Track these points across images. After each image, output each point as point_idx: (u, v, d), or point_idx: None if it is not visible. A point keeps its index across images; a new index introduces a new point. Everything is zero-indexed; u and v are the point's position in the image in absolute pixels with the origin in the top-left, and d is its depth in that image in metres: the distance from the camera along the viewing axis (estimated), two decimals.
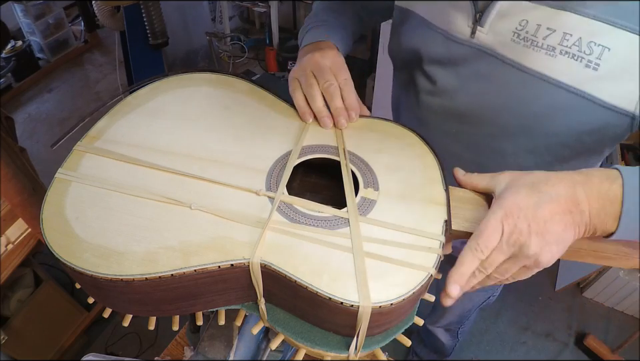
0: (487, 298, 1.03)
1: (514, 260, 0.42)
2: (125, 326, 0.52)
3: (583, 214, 0.41)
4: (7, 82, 2.82)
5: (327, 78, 0.57)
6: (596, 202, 0.41)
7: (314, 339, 0.48)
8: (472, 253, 0.42)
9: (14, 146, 1.26)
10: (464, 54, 0.58)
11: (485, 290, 0.96)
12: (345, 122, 0.56)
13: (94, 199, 0.48)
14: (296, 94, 0.58)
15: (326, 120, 0.57)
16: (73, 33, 3.23)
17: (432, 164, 0.54)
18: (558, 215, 0.41)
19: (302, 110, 0.58)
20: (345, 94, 0.57)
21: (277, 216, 0.47)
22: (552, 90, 0.52)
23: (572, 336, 1.77)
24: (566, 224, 0.41)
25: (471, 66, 0.58)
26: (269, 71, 3.11)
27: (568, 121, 0.54)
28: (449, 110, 0.64)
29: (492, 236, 0.41)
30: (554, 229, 0.40)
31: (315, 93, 0.57)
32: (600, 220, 0.42)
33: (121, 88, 2.58)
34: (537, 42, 0.51)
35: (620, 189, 0.41)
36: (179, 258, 0.43)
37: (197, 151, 0.54)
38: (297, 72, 0.60)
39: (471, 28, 0.56)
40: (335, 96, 0.57)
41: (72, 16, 3.32)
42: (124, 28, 2.03)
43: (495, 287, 0.99)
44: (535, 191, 0.42)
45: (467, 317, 1.15)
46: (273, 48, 3.07)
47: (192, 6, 2.71)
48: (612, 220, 0.41)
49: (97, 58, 3.30)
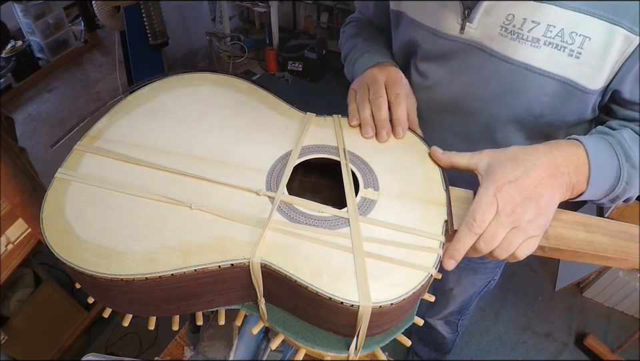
0: (487, 283, 1.05)
1: (516, 231, 0.44)
2: (125, 326, 0.52)
3: (564, 176, 0.46)
4: (7, 82, 2.83)
5: (377, 91, 0.59)
6: (571, 164, 0.47)
7: (314, 339, 0.48)
8: (468, 229, 0.44)
9: (14, 146, 1.26)
10: (454, 49, 0.62)
11: (486, 273, 0.99)
12: (386, 135, 0.57)
13: (94, 199, 0.48)
14: (350, 103, 0.62)
15: (367, 128, 0.57)
16: (73, 33, 3.23)
17: (432, 164, 0.54)
18: (545, 179, 0.45)
19: (351, 114, 0.60)
20: (393, 107, 0.58)
21: (277, 216, 0.47)
22: (538, 79, 0.56)
23: (572, 336, 1.77)
24: (553, 186, 0.45)
25: (461, 60, 0.62)
26: (269, 71, 3.11)
27: (554, 105, 0.58)
28: (442, 103, 0.67)
29: (487, 211, 0.44)
30: (544, 192, 0.45)
31: (364, 103, 0.59)
32: (577, 179, 0.47)
33: (121, 88, 2.59)
34: (523, 34, 0.55)
35: (584, 153, 0.48)
36: (179, 257, 0.43)
37: (197, 151, 0.54)
38: (355, 83, 0.64)
39: (460, 24, 0.59)
40: (381, 108, 0.58)
41: (72, 16, 3.32)
42: (124, 28, 2.03)
43: (496, 270, 1.01)
44: (518, 162, 0.46)
45: (468, 305, 1.16)
46: (272, 48, 3.07)
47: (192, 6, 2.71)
48: (583, 180, 0.48)
49: (97, 58, 3.30)
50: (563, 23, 0.52)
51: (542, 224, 0.44)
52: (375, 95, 0.59)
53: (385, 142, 0.57)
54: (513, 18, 0.55)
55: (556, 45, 0.53)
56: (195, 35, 2.82)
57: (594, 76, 0.54)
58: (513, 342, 1.74)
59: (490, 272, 1.00)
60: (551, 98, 0.57)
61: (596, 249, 0.48)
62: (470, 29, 0.59)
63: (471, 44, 0.60)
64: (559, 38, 0.53)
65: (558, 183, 0.46)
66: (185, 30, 2.73)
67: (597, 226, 0.50)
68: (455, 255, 0.45)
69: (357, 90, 0.62)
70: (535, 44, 0.54)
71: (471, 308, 1.20)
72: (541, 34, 0.54)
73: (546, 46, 0.54)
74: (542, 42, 0.54)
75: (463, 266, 0.94)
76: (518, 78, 0.57)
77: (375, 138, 0.58)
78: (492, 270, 0.99)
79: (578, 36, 0.52)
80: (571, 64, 0.54)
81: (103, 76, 3.11)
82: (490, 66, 0.59)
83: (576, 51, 0.53)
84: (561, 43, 0.53)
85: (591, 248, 0.48)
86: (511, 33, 0.55)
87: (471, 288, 1.06)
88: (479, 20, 0.57)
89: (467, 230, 0.44)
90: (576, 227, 0.50)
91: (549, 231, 0.49)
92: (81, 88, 3.03)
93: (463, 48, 0.61)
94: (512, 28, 0.55)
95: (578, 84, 0.55)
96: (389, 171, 0.53)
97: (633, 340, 1.57)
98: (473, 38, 0.59)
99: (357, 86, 0.63)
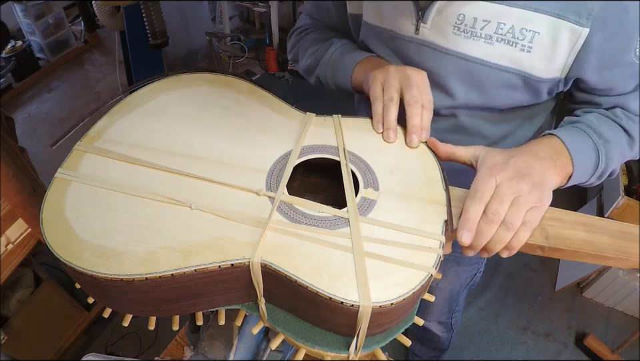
0: (473, 276, 1.06)
1: (519, 199, 0.46)
2: (125, 326, 0.52)
3: (547, 160, 0.51)
4: (7, 82, 2.82)
5: (414, 94, 0.56)
6: (551, 150, 0.53)
7: (314, 339, 0.48)
8: (473, 199, 0.47)
9: (14, 146, 1.26)
10: (410, 49, 0.64)
11: (470, 264, 1.00)
12: (418, 141, 0.56)
13: (94, 199, 0.48)
14: (377, 103, 0.58)
15: (391, 133, 0.56)
16: (73, 33, 3.22)
17: (432, 164, 0.54)
18: (532, 162, 0.50)
19: (377, 118, 0.58)
20: (425, 113, 0.57)
21: (277, 216, 0.47)
22: (495, 73, 0.60)
23: (572, 336, 1.77)
24: (542, 167, 0.50)
25: (418, 59, 0.64)
26: (269, 71, 3.11)
27: (512, 95, 0.63)
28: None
29: (487, 185, 0.47)
30: (534, 171, 0.49)
31: (393, 107, 0.57)
32: (561, 162, 0.53)
33: (120, 88, 2.58)
34: (476, 32, 0.58)
35: (560, 141, 0.55)
36: (179, 257, 0.43)
37: (197, 151, 0.54)
38: (381, 74, 0.59)
39: (415, 25, 0.61)
40: (417, 114, 0.56)
41: (72, 16, 3.32)
42: (124, 28, 2.03)
43: (480, 260, 1.02)
44: (505, 151, 0.51)
45: (456, 300, 1.16)
46: (273, 48, 3.07)
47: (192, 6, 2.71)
48: (568, 162, 0.54)
49: (97, 58, 3.30)
50: (512, 20, 0.56)
51: (541, 197, 0.47)
52: (413, 99, 0.56)
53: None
54: (464, 18, 0.58)
55: (508, 41, 0.57)
56: (195, 35, 2.81)
57: (545, 67, 0.58)
58: (513, 342, 1.74)
59: (474, 263, 1.01)
60: (507, 90, 0.62)
61: (596, 249, 0.48)
62: (424, 29, 0.61)
63: (425, 44, 0.62)
64: (510, 34, 0.56)
65: (546, 165, 0.50)
66: (185, 30, 2.72)
67: (597, 226, 0.50)
68: (466, 225, 0.46)
69: (385, 87, 0.58)
70: (488, 40, 0.57)
71: (460, 303, 1.20)
72: (493, 31, 0.57)
73: (499, 43, 0.57)
74: (494, 38, 0.57)
75: (446, 258, 0.95)
76: (475, 74, 0.61)
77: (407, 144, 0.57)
78: (476, 260, 1.00)
79: (528, 31, 0.55)
80: (524, 58, 0.57)
81: (103, 76, 3.11)
82: (446, 64, 0.62)
83: (527, 46, 0.56)
84: (512, 39, 0.57)
85: (590, 248, 0.48)
86: (464, 32, 0.58)
87: (457, 281, 1.06)
88: (432, 20, 0.60)
89: (472, 201, 0.47)
90: (576, 227, 0.50)
91: (549, 231, 0.49)
92: (81, 88, 3.02)
93: (418, 49, 0.63)
94: (464, 27, 0.58)
95: (532, 75, 0.59)
96: (389, 171, 0.53)
97: (633, 340, 1.57)
98: (427, 38, 0.62)
99: (384, 80, 0.58)
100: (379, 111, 0.58)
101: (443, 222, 0.48)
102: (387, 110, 0.57)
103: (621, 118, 0.61)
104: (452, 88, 0.63)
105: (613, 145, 0.59)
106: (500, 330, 1.78)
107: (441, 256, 0.45)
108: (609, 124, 0.60)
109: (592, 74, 0.58)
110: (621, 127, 0.61)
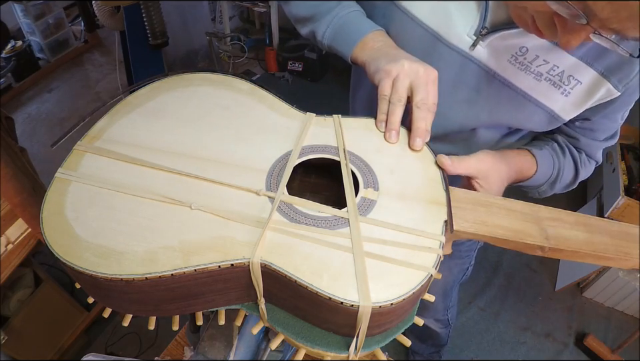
0: (465, 270, 1.07)
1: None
2: (125, 326, 0.52)
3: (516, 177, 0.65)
4: (7, 82, 2.82)
5: (423, 97, 0.54)
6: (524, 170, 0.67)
7: (314, 339, 0.48)
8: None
9: (14, 146, 1.26)
10: (450, 59, 0.62)
11: (461, 257, 1.02)
12: (422, 144, 0.55)
13: (94, 199, 0.48)
14: (383, 101, 0.56)
15: (393, 134, 0.56)
16: (73, 33, 3.22)
17: (432, 165, 0.54)
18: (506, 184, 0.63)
19: (381, 117, 0.57)
20: (429, 116, 0.55)
21: (277, 215, 0.47)
22: (531, 107, 0.63)
23: (572, 336, 1.77)
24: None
25: (456, 70, 0.63)
26: (269, 71, 3.11)
27: (532, 127, 0.68)
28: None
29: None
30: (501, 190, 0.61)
31: (399, 107, 0.55)
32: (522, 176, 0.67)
33: (121, 88, 2.59)
34: (530, 67, 0.60)
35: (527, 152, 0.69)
36: (179, 257, 0.43)
37: (197, 151, 0.54)
38: (395, 69, 0.56)
39: (473, 40, 0.60)
40: (424, 118, 0.55)
41: (72, 16, 3.32)
42: (124, 28, 2.03)
43: (470, 253, 1.03)
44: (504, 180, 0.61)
45: (450, 294, 1.17)
46: (273, 48, 3.06)
47: (192, 6, 2.71)
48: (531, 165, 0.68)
49: (97, 58, 3.30)
50: (565, 66, 0.59)
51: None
52: (422, 102, 0.54)
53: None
54: (526, 52, 0.59)
55: (554, 83, 0.60)
56: (195, 35, 2.81)
57: (571, 111, 0.63)
58: (513, 342, 1.74)
59: (465, 256, 1.02)
60: (532, 123, 0.66)
61: (596, 249, 0.48)
62: (480, 47, 0.60)
63: (475, 61, 0.62)
64: (558, 77, 0.60)
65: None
66: (185, 30, 2.72)
67: (597, 226, 0.50)
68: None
69: (395, 84, 0.55)
70: (537, 77, 0.60)
71: (453, 299, 1.22)
72: (546, 70, 0.60)
73: (546, 82, 0.60)
74: (544, 77, 0.60)
75: None
76: (514, 102, 0.63)
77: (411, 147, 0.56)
78: (466, 253, 1.01)
79: (573, 79, 0.60)
80: (559, 100, 0.62)
81: (103, 76, 3.11)
82: (490, 87, 0.63)
83: (567, 91, 0.61)
84: (558, 82, 0.60)
85: (590, 248, 0.48)
86: (520, 63, 0.60)
87: (449, 275, 1.06)
88: (490, 42, 0.59)
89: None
90: (576, 227, 0.50)
91: (549, 231, 0.49)
92: (81, 88, 3.02)
93: (463, 62, 0.62)
94: (522, 59, 0.60)
95: (559, 116, 0.64)
96: (389, 171, 0.53)
97: (633, 340, 1.57)
98: (479, 57, 0.61)
99: (395, 74, 0.55)
100: (384, 110, 0.56)
101: (443, 222, 0.48)
102: (392, 110, 0.55)
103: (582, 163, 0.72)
104: (481, 107, 0.65)
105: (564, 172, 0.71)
106: (500, 330, 1.78)
107: (441, 256, 0.45)
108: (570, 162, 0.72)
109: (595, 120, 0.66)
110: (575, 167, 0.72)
